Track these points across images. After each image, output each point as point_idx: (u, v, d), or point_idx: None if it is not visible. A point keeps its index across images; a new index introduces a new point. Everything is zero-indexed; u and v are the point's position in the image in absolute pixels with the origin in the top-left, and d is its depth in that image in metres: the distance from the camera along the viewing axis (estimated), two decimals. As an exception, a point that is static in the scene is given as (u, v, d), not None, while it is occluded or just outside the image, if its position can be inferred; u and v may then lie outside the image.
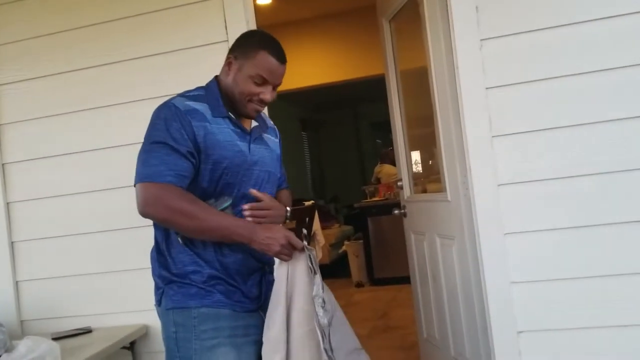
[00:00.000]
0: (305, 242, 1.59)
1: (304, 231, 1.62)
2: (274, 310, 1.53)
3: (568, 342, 2.14)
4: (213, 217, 1.53)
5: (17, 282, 2.66)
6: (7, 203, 2.66)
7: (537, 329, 2.16)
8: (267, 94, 1.63)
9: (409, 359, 3.51)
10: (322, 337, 1.44)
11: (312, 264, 1.55)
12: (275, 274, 1.62)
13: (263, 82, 1.61)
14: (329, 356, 1.44)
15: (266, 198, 1.66)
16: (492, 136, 2.17)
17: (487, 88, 2.17)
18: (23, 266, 2.67)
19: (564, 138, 2.13)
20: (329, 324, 1.47)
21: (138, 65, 2.52)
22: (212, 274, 1.60)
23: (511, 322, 2.17)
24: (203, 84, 1.72)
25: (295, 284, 1.55)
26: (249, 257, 1.62)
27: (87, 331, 2.49)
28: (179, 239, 1.61)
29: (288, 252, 1.56)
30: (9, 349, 2.18)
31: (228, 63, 1.65)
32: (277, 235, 1.54)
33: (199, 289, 1.60)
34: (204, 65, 2.40)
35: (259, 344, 1.61)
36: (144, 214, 1.50)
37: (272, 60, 1.60)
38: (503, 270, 2.17)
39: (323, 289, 1.52)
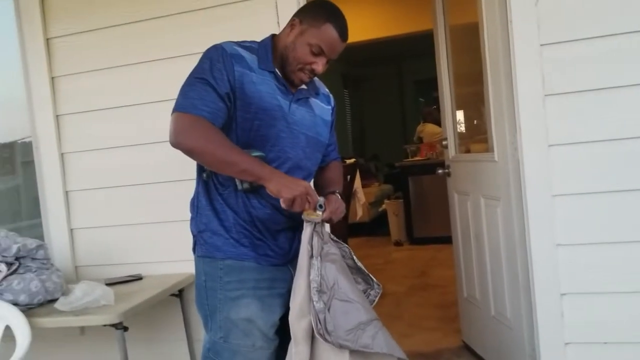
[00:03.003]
0: (318, 213, 1.56)
1: (321, 201, 1.59)
2: (297, 277, 1.55)
3: (612, 305, 2.12)
4: (236, 152, 1.52)
5: (71, 229, 2.78)
6: (62, 154, 2.75)
7: (581, 291, 2.14)
8: (320, 66, 1.63)
9: (448, 317, 3.53)
10: (317, 323, 1.46)
11: (311, 242, 1.53)
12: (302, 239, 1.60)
13: (320, 52, 1.61)
14: (325, 339, 1.46)
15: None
16: (545, 95, 2.11)
17: (541, 45, 2.10)
18: (77, 215, 2.77)
19: (619, 98, 2.05)
20: (326, 306, 1.48)
21: (189, 20, 2.53)
22: (240, 225, 1.63)
23: (555, 284, 2.15)
24: (252, 38, 1.72)
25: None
26: (278, 212, 1.63)
27: (138, 278, 2.59)
28: (215, 188, 1.65)
29: (297, 205, 1.51)
30: (65, 292, 2.31)
31: (291, 25, 1.65)
32: (295, 183, 1.52)
33: (226, 239, 1.63)
34: (254, 18, 2.42)
35: (284, 296, 1.65)
36: (174, 142, 1.51)
37: (334, 35, 1.61)
38: (549, 232, 2.14)
39: (320, 271, 1.51)
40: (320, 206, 1.58)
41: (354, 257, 1.65)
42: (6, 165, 3.36)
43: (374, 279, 1.67)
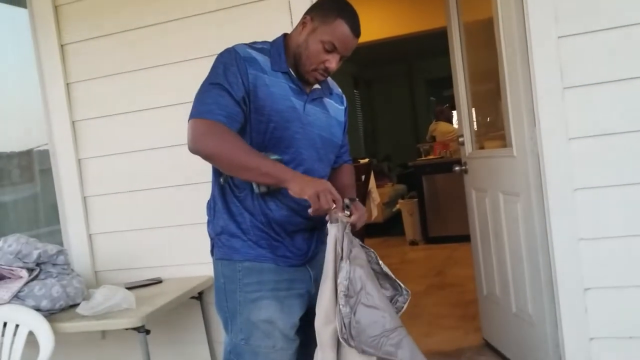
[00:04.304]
0: (346, 213, 1.54)
1: (347, 202, 1.57)
2: (323, 282, 1.53)
3: (637, 299, 2.09)
4: (255, 156, 1.52)
5: (90, 235, 2.79)
6: (79, 159, 2.77)
7: (605, 286, 2.12)
8: (333, 63, 1.62)
9: (467, 315, 3.50)
10: (342, 327, 1.44)
11: (342, 244, 1.50)
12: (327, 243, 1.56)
13: (332, 49, 1.60)
14: (348, 344, 1.45)
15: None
16: (564, 88, 2.08)
17: (559, 37, 2.07)
18: (95, 220, 2.79)
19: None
20: (352, 311, 1.46)
21: (202, 21, 2.54)
22: (257, 227, 1.63)
23: (578, 279, 2.13)
24: (266, 38, 1.72)
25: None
26: (295, 214, 1.62)
27: (158, 282, 2.59)
28: (231, 191, 1.65)
29: (324, 201, 1.47)
30: (86, 297, 2.32)
31: (303, 23, 1.65)
32: (315, 181, 1.51)
33: (244, 242, 1.63)
34: (267, 18, 2.42)
35: (304, 297, 1.66)
36: (193, 149, 1.52)
37: (346, 30, 1.60)
38: (571, 227, 2.12)
39: (349, 274, 1.48)
40: (347, 206, 1.57)
41: (380, 263, 1.62)
42: (24, 173, 3.39)
43: (402, 285, 1.63)
